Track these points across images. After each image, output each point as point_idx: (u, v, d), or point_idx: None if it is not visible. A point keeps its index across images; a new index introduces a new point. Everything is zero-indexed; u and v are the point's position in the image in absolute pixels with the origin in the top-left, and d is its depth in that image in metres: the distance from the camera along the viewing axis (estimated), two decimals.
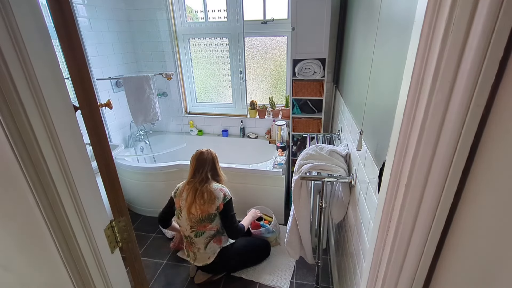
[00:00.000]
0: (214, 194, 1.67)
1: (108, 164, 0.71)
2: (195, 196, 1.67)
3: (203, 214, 1.66)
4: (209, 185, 1.70)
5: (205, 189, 1.68)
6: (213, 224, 1.70)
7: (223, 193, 1.70)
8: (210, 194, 1.66)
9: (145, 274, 0.92)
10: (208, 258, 1.75)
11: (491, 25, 0.36)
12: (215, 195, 1.67)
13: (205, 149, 1.80)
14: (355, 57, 1.53)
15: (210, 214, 1.67)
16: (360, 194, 1.12)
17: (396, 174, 0.56)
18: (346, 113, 1.67)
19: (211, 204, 1.66)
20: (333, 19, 2.11)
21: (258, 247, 1.96)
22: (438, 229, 0.52)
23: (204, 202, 1.66)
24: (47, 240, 0.62)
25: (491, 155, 0.41)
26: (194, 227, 1.71)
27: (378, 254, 0.65)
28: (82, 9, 2.19)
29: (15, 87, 0.50)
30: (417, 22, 0.48)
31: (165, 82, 2.80)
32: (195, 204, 1.67)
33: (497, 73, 0.38)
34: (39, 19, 0.54)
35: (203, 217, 1.67)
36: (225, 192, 1.71)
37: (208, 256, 1.75)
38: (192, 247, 1.77)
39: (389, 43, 0.87)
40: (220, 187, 1.72)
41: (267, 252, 2.00)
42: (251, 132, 2.89)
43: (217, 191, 1.68)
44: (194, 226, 1.71)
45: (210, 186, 1.69)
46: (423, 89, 0.47)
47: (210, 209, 1.66)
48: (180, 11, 2.66)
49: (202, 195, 1.66)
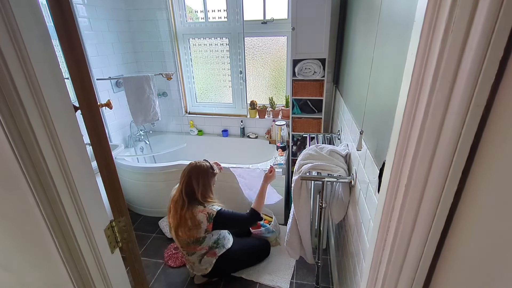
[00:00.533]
0: (198, 219, 1.57)
1: (108, 164, 0.71)
2: (179, 222, 1.59)
3: (190, 239, 1.61)
4: (192, 209, 1.58)
5: (188, 215, 1.57)
6: (202, 245, 1.66)
7: (205, 214, 1.58)
8: (193, 221, 1.56)
9: (145, 274, 0.92)
10: (205, 269, 1.73)
11: (491, 25, 0.36)
12: (198, 220, 1.57)
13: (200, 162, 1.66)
14: (355, 57, 1.53)
15: (198, 238, 1.61)
16: (360, 194, 1.12)
17: (396, 174, 0.56)
18: (346, 113, 1.67)
19: (197, 230, 1.58)
20: (333, 19, 2.11)
21: (258, 248, 1.95)
22: (438, 229, 0.52)
23: (189, 229, 1.57)
24: (47, 240, 0.62)
25: (491, 155, 0.41)
26: (184, 248, 1.68)
27: (378, 254, 0.65)
28: (82, 9, 2.19)
29: (15, 87, 0.50)
30: (417, 22, 0.48)
31: (165, 82, 2.80)
32: (181, 228, 1.59)
33: (497, 73, 0.38)
34: (39, 19, 0.54)
35: (191, 241, 1.62)
36: (207, 211, 1.58)
37: (205, 267, 1.72)
38: (187, 261, 1.77)
39: (389, 43, 0.87)
40: (201, 209, 1.59)
41: (267, 252, 2.00)
42: (251, 132, 2.89)
43: (200, 215, 1.57)
44: (183, 247, 1.68)
45: (193, 211, 1.58)
46: (423, 89, 0.47)
47: (197, 234, 1.59)
48: (180, 11, 2.66)
49: (185, 222, 1.57)
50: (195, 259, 1.70)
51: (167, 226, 2.33)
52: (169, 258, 2.03)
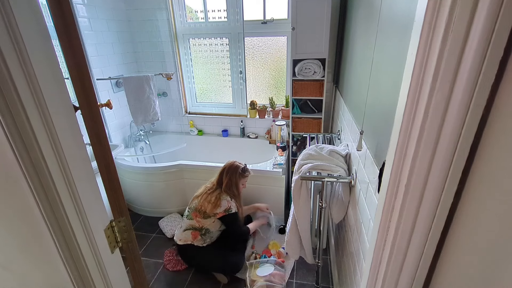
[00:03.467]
0: (221, 201, 1.86)
1: (108, 164, 0.71)
2: (204, 195, 1.90)
3: (202, 207, 1.86)
4: (221, 193, 1.89)
5: (215, 194, 1.88)
6: (203, 221, 1.86)
7: (228, 205, 1.86)
8: (216, 200, 1.86)
9: (145, 274, 0.92)
10: (179, 240, 1.92)
11: (491, 25, 0.36)
12: (221, 202, 1.85)
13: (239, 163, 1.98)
14: (355, 57, 1.53)
15: (206, 213, 1.85)
16: (360, 194, 1.12)
17: (396, 174, 0.56)
18: (346, 113, 1.67)
19: (213, 207, 1.84)
20: (333, 19, 2.11)
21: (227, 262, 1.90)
22: (438, 229, 0.52)
23: (209, 202, 1.85)
24: (47, 240, 0.62)
25: (491, 155, 0.41)
26: (190, 211, 1.92)
27: (378, 254, 0.65)
28: (82, 9, 2.19)
29: (15, 87, 0.50)
30: (417, 22, 0.48)
31: (165, 82, 2.80)
32: (202, 195, 1.90)
33: (497, 73, 0.39)
34: (39, 19, 0.54)
35: (199, 210, 1.86)
36: (229, 205, 1.87)
37: (179, 238, 1.92)
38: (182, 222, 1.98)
39: (389, 43, 0.87)
40: (229, 199, 1.88)
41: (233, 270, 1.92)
42: (251, 132, 2.88)
43: (224, 202, 1.86)
44: (190, 210, 1.92)
45: (221, 195, 1.88)
46: (423, 89, 0.47)
47: (209, 209, 1.84)
48: (180, 11, 2.66)
49: (210, 197, 1.87)
50: (185, 225, 1.92)
51: (167, 226, 2.34)
52: (169, 262, 2.03)
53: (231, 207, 1.87)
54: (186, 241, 1.90)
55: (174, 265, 2.00)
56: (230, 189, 1.92)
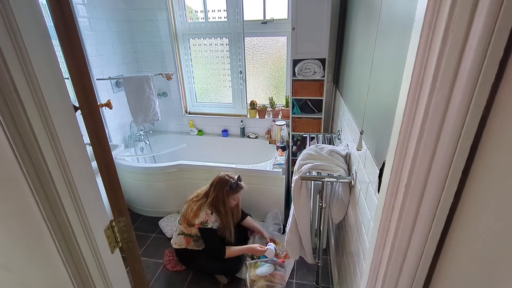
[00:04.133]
0: (199, 213, 1.79)
1: (108, 164, 0.71)
2: (191, 199, 1.89)
3: (186, 214, 1.85)
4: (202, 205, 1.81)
5: (197, 204, 1.82)
6: (189, 228, 1.84)
7: (205, 219, 1.78)
8: (196, 211, 1.80)
9: (145, 274, 0.92)
10: (174, 243, 1.92)
11: (491, 25, 0.36)
12: (199, 214, 1.79)
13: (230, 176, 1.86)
14: (355, 57, 1.53)
15: (189, 221, 1.83)
16: (360, 194, 1.12)
17: (396, 174, 0.56)
18: (346, 113, 1.67)
19: (192, 217, 1.81)
20: (333, 19, 2.11)
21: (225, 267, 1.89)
22: (438, 229, 0.52)
23: (191, 210, 1.82)
24: (47, 240, 0.62)
25: (491, 155, 0.41)
26: (180, 216, 1.91)
27: (378, 254, 0.65)
28: (82, 9, 2.19)
29: (15, 87, 0.50)
30: (417, 22, 0.48)
31: (165, 82, 2.80)
32: (189, 202, 1.89)
33: (497, 73, 0.39)
34: (39, 19, 0.54)
35: (185, 216, 1.85)
36: (208, 219, 1.78)
37: (175, 242, 1.92)
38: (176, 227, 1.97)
39: (389, 43, 0.87)
40: (208, 213, 1.79)
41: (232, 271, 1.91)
42: (251, 132, 2.88)
43: (202, 213, 1.79)
44: (180, 215, 1.92)
45: (202, 207, 1.81)
46: (423, 89, 0.47)
47: (190, 218, 1.82)
48: (180, 11, 2.66)
49: (193, 206, 1.84)
50: (179, 230, 1.91)
51: (167, 226, 2.34)
52: (169, 262, 2.03)
53: (207, 221, 1.77)
54: (181, 246, 1.89)
55: (174, 265, 2.00)
56: (215, 205, 1.81)
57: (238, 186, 1.85)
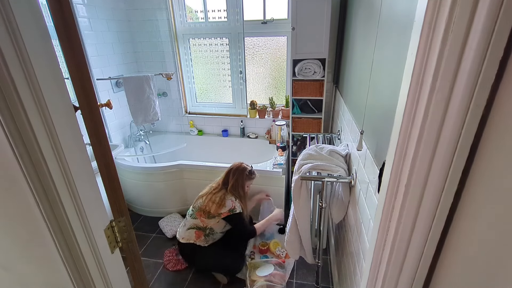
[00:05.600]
0: (225, 201, 1.85)
1: (108, 164, 0.71)
2: (209, 195, 1.89)
3: (206, 207, 1.85)
4: (225, 193, 1.88)
5: (219, 194, 1.87)
6: (207, 220, 1.85)
7: (233, 205, 1.86)
8: (221, 200, 1.85)
9: (145, 274, 0.92)
10: (182, 238, 1.92)
11: (491, 25, 0.36)
12: (225, 202, 1.85)
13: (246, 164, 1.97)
14: (355, 57, 1.53)
15: (210, 213, 1.83)
16: (360, 194, 1.12)
17: (396, 174, 0.56)
18: (346, 113, 1.67)
19: (217, 207, 1.83)
20: (333, 19, 2.11)
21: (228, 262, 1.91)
22: (438, 229, 0.52)
23: (213, 202, 1.84)
24: (47, 240, 0.62)
25: (491, 155, 0.41)
26: (194, 210, 1.91)
27: (378, 254, 0.65)
28: (82, 9, 2.19)
29: (15, 87, 0.50)
30: (417, 22, 0.48)
31: (165, 82, 2.80)
32: (206, 195, 1.90)
33: (497, 73, 0.39)
34: (39, 19, 0.54)
35: (204, 209, 1.85)
36: (235, 205, 1.86)
37: (182, 236, 1.92)
38: (185, 221, 1.98)
39: (389, 43, 0.87)
40: (233, 199, 1.87)
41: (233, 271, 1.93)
42: (251, 132, 2.88)
43: (228, 201, 1.85)
44: (194, 209, 1.91)
45: (226, 195, 1.87)
46: (423, 89, 0.47)
47: (213, 209, 1.83)
48: (180, 11, 2.66)
49: (215, 197, 1.87)
50: (189, 224, 1.91)
51: (167, 226, 2.34)
52: (169, 262, 2.03)
53: (235, 207, 1.85)
54: (189, 240, 1.89)
55: (174, 265, 2.00)
56: (236, 190, 1.91)
57: (254, 173, 2.01)
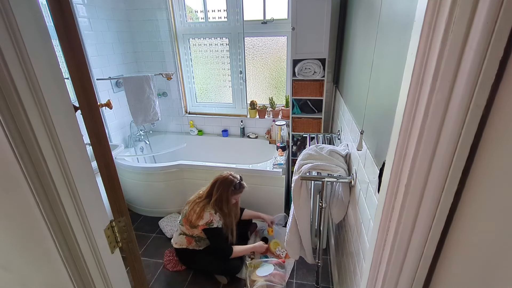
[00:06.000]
0: (203, 214, 1.79)
1: (108, 164, 0.71)
2: (192, 204, 1.86)
3: (189, 216, 1.84)
4: (205, 206, 1.82)
5: (200, 205, 1.82)
6: (191, 229, 1.84)
7: (210, 219, 1.78)
8: (200, 212, 1.79)
9: (145, 274, 0.92)
10: (175, 243, 1.92)
11: (491, 25, 0.36)
12: (203, 215, 1.79)
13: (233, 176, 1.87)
14: (355, 57, 1.53)
15: (192, 222, 1.82)
16: (360, 194, 1.12)
17: (396, 174, 0.56)
18: (346, 113, 1.67)
19: (196, 218, 1.80)
20: (333, 19, 2.11)
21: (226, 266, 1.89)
22: (438, 229, 0.52)
23: (194, 212, 1.81)
24: (47, 240, 0.62)
25: (491, 155, 0.41)
26: (182, 217, 1.91)
27: (378, 254, 0.65)
28: (82, 9, 2.19)
29: (15, 87, 0.50)
30: (417, 22, 0.48)
31: (165, 82, 2.80)
32: (191, 203, 1.88)
33: (497, 73, 0.39)
34: (39, 19, 0.54)
35: (187, 217, 1.84)
36: (212, 219, 1.79)
37: (176, 242, 1.92)
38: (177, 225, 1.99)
39: (389, 42, 0.87)
40: (212, 213, 1.80)
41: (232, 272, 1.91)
42: (251, 132, 2.88)
43: (206, 214, 1.79)
44: (182, 216, 1.91)
45: (206, 207, 1.81)
46: (423, 89, 0.47)
47: (193, 220, 1.81)
48: (180, 11, 2.66)
49: (195, 207, 1.83)
50: (180, 230, 1.91)
51: (167, 226, 2.34)
52: (169, 262, 2.03)
53: (212, 221, 1.78)
54: (182, 245, 1.90)
55: (174, 265, 2.00)
56: (219, 205, 1.83)
57: (241, 186, 1.89)
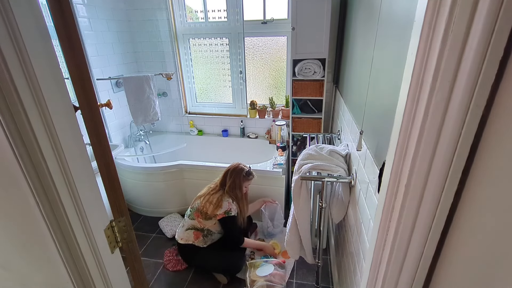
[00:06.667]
0: (222, 202, 1.85)
1: (108, 164, 0.71)
2: (207, 196, 1.90)
3: (204, 208, 1.86)
4: (222, 195, 1.88)
5: (217, 195, 1.88)
6: (204, 222, 1.87)
7: (229, 207, 1.85)
8: (218, 201, 1.85)
9: (145, 274, 0.92)
10: (181, 239, 1.92)
11: (491, 25, 0.36)
12: (222, 203, 1.85)
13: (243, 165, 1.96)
14: (355, 57, 1.53)
15: (207, 214, 1.85)
16: (360, 194, 1.12)
17: (396, 174, 0.56)
18: (346, 113, 1.67)
19: (214, 208, 1.84)
20: (333, 19, 2.11)
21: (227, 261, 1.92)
22: (438, 229, 0.52)
23: (210, 203, 1.85)
24: (47, 240, 0.62)
25: (491, 155, 0.41)
26: (192, 210, 1.92)
27: (378, 254, 0.65)
28: (82, 9, 2.19)
29: (15, 87, 0.50)
30: (417, 22, 0.48)
31: (165, 82, 2.80)
32: (204, 196, 1.91)
33: (497, 73, 0.39)
34: (39, 19, 0.54)
35: (201, 210, 1.87)
36: (230, 207, 1.85)
37: (181, 237, 1.92)
38: (184, 222, 1.99)
39: (389, 43, 0.87)
40: (230, 201, 1.87)
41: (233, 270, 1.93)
42: (251, 132, 2.88)
43: (225, 203, 1.85)
44: (192, 210, 1.93)
45: (223, 196, 1.87)
46: (423, 89, 0.47)
47: (210, 210, 1.84)
48: (180, 11, 2.66)
49: (212, 198, 1.87)
50: (187, 225, 1.92)
51: (167, 226, 2.34)
52: (169, 262, 2.03)
53: (231, 210, 1.85)
54: (188, 241, 1.90)
55: (174, 265, 2.00)
56: (233, 191, 1.90)
57: (252, 174, 1.99)
